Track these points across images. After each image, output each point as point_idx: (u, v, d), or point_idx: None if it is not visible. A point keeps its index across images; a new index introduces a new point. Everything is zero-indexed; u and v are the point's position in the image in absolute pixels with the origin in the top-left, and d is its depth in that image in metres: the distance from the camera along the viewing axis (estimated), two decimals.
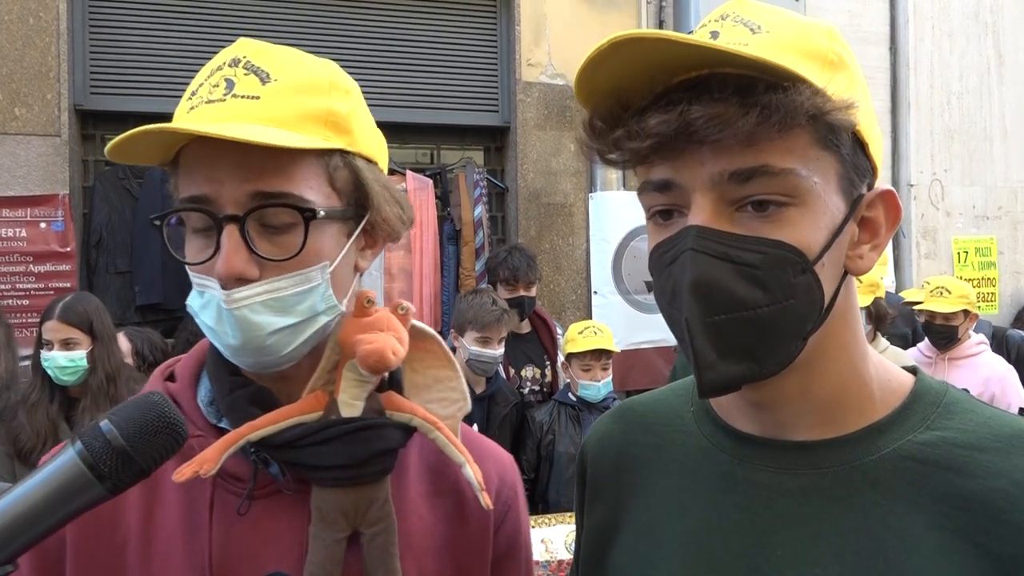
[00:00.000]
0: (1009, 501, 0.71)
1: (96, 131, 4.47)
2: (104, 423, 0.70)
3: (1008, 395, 3.78)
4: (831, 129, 0.72)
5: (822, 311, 0.75)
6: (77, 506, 0.69)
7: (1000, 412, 0.80)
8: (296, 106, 0.86)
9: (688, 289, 0.71)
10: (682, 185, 0.73)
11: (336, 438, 0.87)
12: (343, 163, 0.90)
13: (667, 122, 0.70)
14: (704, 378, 0.73)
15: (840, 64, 0.75)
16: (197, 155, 0.85)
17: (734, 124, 0.68)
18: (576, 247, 5.05)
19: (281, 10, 4.63)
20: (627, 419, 0.99)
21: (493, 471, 1.03)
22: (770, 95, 0.68)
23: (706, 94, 0.70)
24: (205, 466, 0.83)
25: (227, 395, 0.91)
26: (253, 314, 0.84)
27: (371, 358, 0.87)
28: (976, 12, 6.02)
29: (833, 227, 0.74)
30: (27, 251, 4.12)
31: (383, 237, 0.98)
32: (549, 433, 3.47)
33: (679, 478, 0.88)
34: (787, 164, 0.71)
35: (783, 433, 0.81)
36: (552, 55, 4.99)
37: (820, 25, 0.78)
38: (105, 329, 2.96)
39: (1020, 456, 0.73)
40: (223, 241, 0.83)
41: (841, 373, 0.79)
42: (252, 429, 0.87)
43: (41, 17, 4.15)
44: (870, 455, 0.77)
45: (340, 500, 0.88)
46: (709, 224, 0.72)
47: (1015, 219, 6.09)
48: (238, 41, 0.92)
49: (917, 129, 5.82)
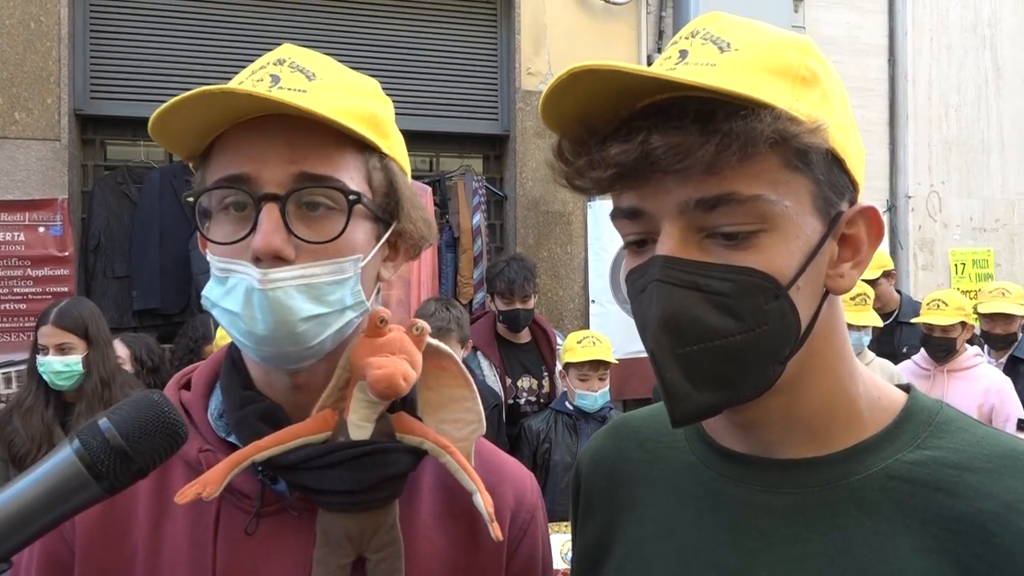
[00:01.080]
0: (999, 524, 0.69)
1: (96, 136, 4.48)
2: (103, 421, 0.69)
3: (1007, 406, 3.78)
4: (799, 152, 0.70)
5: (799, 334, 0.73)
6: (74, 505, 0.68)
7: (994, 431, 0.78)
8: (342, 102, 0.87)
9: (655, 322, 0.70)
10: (650, 213, 0.73)
11: (343, 463, 0.85)
12: (380, 165, 0.91)
13: (628, 152, 0.69)
14: (675, 408, 0.72)
15: (813, 80, 0.73)
16: (239, 137, 0.85)
17: (694, 153, 0.67)
18: (574, 256, 5.05)
19: (282, 18, 4.64)
20: (621, 435, 0.99)
21: (510, 492, 1.00)
22: (730, 122, 0.67)
23: (666, 122, 0.69)
24: (208, 488, 0.81)
25: (237, 410, 0.90)
26: (287, 298, 0.82)
27: (380, 384, 0.84)
28: (974, 25, 6.05)
29: (808, 249, 0.73)
30: (25, 255, 4.12)
31: (406, 249, 0.98)
32: (545, 442, 3.47)
33: (668, 495, 0.87)
34: (754, 190, 0.69)
35: (770, 452, 0.80)
36: (552, 64, 5.00)
37: (794, 39, 0.76)
38: (100, 334, 2.96)
39: (1011, 477, 0.71)
40: (262, 218, 0.82)
41: (827, 392, 0.78)
42: (258, 450, 0.84)
43: (42, 22, 4.16)
44: (856, 474, 0.76)
45: (346, 525, 0.85)
46: (676, 253, 0.71)
47: (1012, 231, 6.10)
48: (282, 46, 0.92)
49: (915, 141, 5.84)
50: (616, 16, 5.14)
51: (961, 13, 6.02)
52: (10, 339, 4.10)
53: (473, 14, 5.03)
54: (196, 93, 0.79)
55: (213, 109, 0.82)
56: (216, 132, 0.87)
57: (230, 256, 0.85)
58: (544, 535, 1.05)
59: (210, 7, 4.53)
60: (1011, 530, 0.68)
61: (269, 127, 0.84)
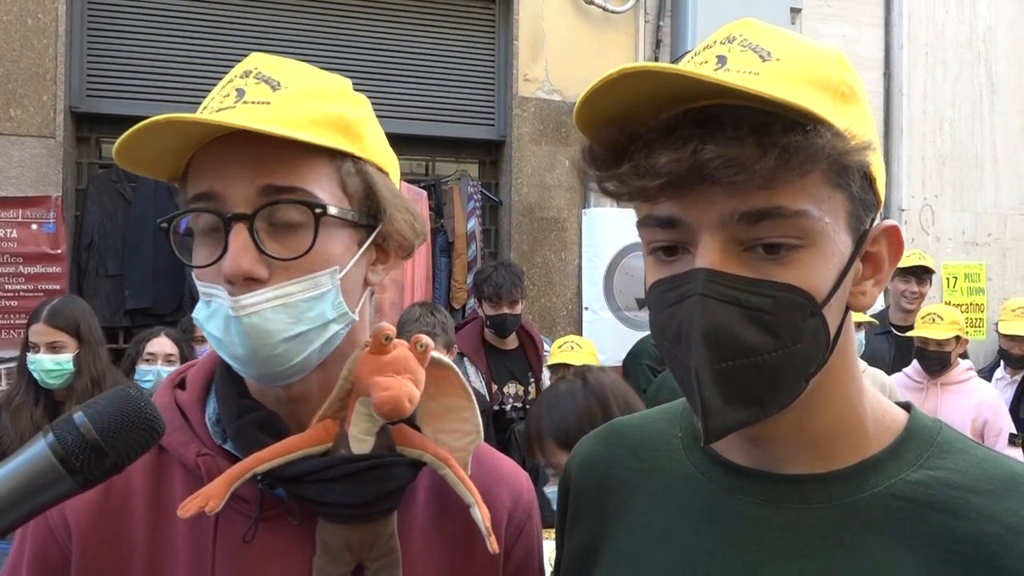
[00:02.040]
0: (1003, 546, 0.69)
1: (91, 134, 4.47)
2: (78, 415, 0.68)
3: (999, 420, 3.81)
4: (844, 169, 0.69)
5: (828, 352, 0.73)
6: (46, 499, 0.67)
7: (993, 454, 0.78)
8: (307, 110, 0.86)
9: (699, 337, 0.68)
10: (688, 223, 0.70)
11: (344, 477, 0.84)
12: (355, 169, 0.89)
13: (679, 161, 0.66)
14: (710, 426, 0.70)
15: (852, 96, 0.72)
16: (206, 157, 0.85)
17: (751, 167, 0.64)
18: (568, 262, 5.06)
19: (279, 20, 4.64)
20: (612, 440, 0.97)
21: (506, 493, 1.01)
22: (789, 136, 0.65)
23: (719, 131, 0.66)
24: (211, 503, 0.80)
25: (235, 420, 0.89)
26: (263, 321, 0.82)
27: (386, 407, 0.84)
28: (969, 40, 6.09)
29: (841, 267, 0.72)
30: (17, 252, 4.10)
31: (395, 251, 0.96)
32: None
33: (665, 505, 0.86)
34: (800, 206, 0.68)
35: (774, 466, 0.79)
36: (549, 71, 5.01)
37: (830, 52, 0.74)
38: (92, 333, 2.95)
39: (1014, 500, 0.71)
40: (231, 240, 0.81)
41: (838, 410, 0.77)
42: (259, 461, 0.84)
43: (40, 19, 4.15)
44: (861, 492, 0.75)
45: (346, 535, 0.85)
46: (718, 267, 0.68)
47: (1004, 246, 6.13)
48: (250, 56, 0.92)
49: (909, 154, 5.86)
50: (614, 24, 5.16)
51: (957, 28, 6.06)
52: (1, 336, 4.08)
53: (471, 20, 5.04)
54: (148, 124, 0.78)
55: (171, 135, 0.82)
56: (188, 153, 0.87)
57: (208, 280, 0.85)
58: (539, 534, 1.06)
59: (207, 7, 4.52)
60: (1015, 553, 0.68)
61: (234, 144, 0.82)
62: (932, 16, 5.98)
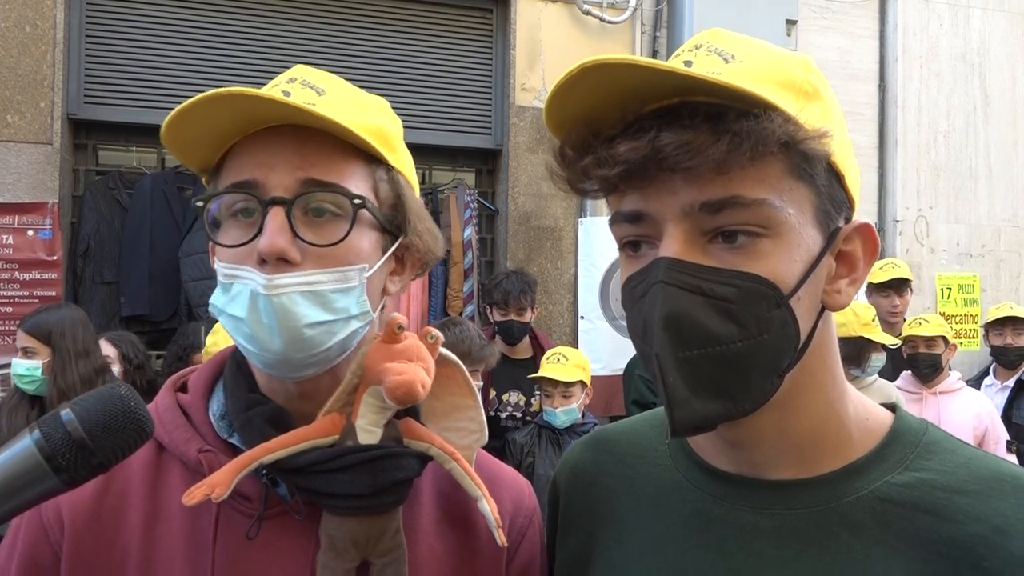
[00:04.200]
0: (989, 547, 0.69)
1: (88, 140, 4.47)
2: (65, 412, 0.66)
3: (997, 428, 3.86)
4: (805, 159, 0.71)
5: (798, 346, 0.73)
6: (30, 497, 0.65)
7: (980, 452, 0.78)
8: (350, 116, 0.88)
9: (659, 324, 0.69)
10: (653, 216, 0.72)
11: (353, 466, 0.84)
12: (387, 176, 0.92)
13: (636, 149, 0.68)
14: (677, 416, 0.70)
15: (815, 95, 0.74)
16: (249, 146, 0.87)
17: (705, 151, 0.67)
18: (564, 272, 5.06)
19: (277, 30, 4.65)
20: (600, 449, 0.97)
21: (508, 498, 1.01)
22: (741, 122, 0.67)
23: (676, 122, 0.68)
24: (217, 490, 0.80)
25: (243, 411, 0.89)
26: (291, 303, 0.83)
27: (400, 390, 0.84)
28: (964, 53, 6.12)
29: (809, 260, 0.72)
30: (13, 258, 4.10)
31: (412, 263, 0.98)
32: (529, 455, 3.47)
33: (653, 513, 0.86)
34: (759, 194, 0.69)
35: (759, 472, 0.79)
36: (546, 80, 5.03)
37: (795, 56, 0.76)
38: (66, 344, 2.89)
39: (1000, 500, 0.72)
40: (268, 221, 0.83)
41: (819, 412, 0.78)
42: (266, 451, 0.84)
43: (38, 25, 4.16)
44: (846, 496, 0.76)
45: (352, 529, 0.85)
46: (681, 256, 0.70)
47: (998, 257, 6.14)
48: (294, 67, 0.95)
49: (904, 166, 5.89)
50: (611, 34, 5.18)
51: (951, 41, 6.10)
52: None
53: (469, 29, 5.06)
54: (207, 96, 0.80)
55: (224, 115, 0.83)
56: (229, 143, 0.88)
57: (236, 261, 0.85)
58: (543, 539, 1.05)
59: (206, 15, 4.53)
60: (1001, 554, 0.69)
61: (279, 136, 0.86)
62: (926, 28, 6.02)
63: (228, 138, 0.88)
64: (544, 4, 5.04)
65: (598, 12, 5.09)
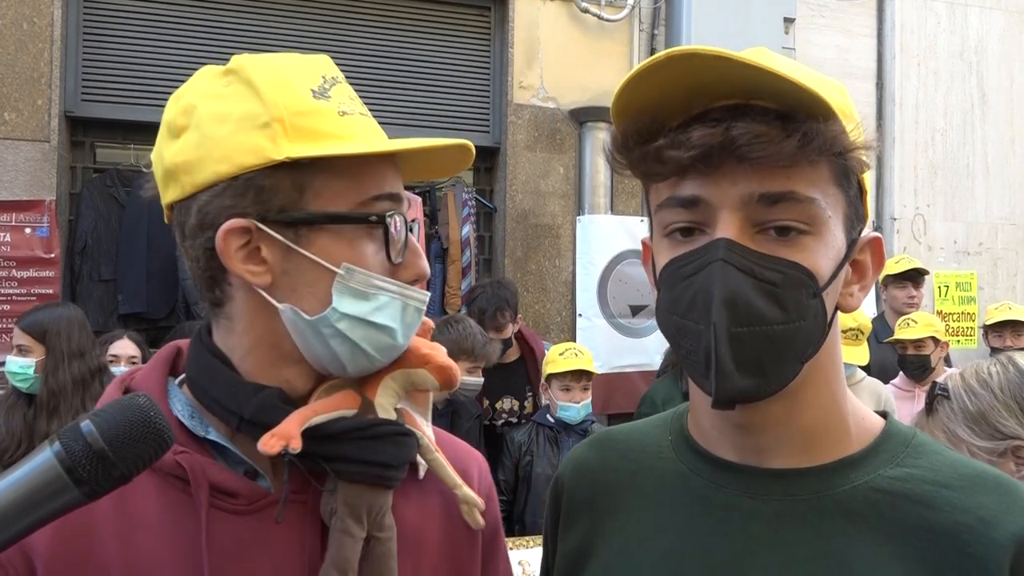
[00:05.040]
0: (974, 535, 0.74)
1: (86, 138, 4.46)
2: (85, 424, 0.66)
3: None
4: (847, 169, 0.77)
5: (823, 337, 0.78)
6: (51, 510, 0.64)
7: (963, 457, 0.85)
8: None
9: (720, 299, 0.73)
10: (710, 202, 0.76)
11: (386, 436, 0.88)
12: None
13: (712, 135, 0.72)
14: (721, 387, 0.74)
15: (850, 117, 0.78)
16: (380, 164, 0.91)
17: (777, 144, 0.71)
18: (562, 269, 5.07)
19: (275, 26, 4.65)
20: (604, 447, 1.01)
21: (473, 465, 1.06)
22: (810, 123, 0.72)
23: (749, 115, 0.72)
24: (292, 443, 0.81)
25: (252, 396, 0.86)
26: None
27: (448, 371, 0.92)
28: (961, 51, 6.13)
29: (838, 259, 0.78)
30: (10, 256, 4.09)
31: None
32: (527, 454, 3.46)
33: (655, 502, 0.89)
34: (812, 193, 0.75)
35: (761, 460, 0.84)
36: (544, 78, 5.03)
37: (833, 81, 0.82)
38: (61, 343, 2.86)
39: (983, 495, 0.77)
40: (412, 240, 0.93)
41: (824, 405, 0.83)
42: (315, 412, 0.86)
43: (35, 23, 4.15)
44: (843, 486, 0.81)
45: (369, 499, 0.87)
46: (737, 239, 0.74)
47: (995, 255, 6.16)
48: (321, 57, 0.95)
49: (901, 164, 5.90)
50: (609, 33, 5.18)
51: (948, 39, 6.11)
52: None
53: (467, 27, 5.06)
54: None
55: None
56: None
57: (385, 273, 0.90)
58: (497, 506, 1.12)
59: (202, 12, 4.53)
60: (985, 542, 0.74)
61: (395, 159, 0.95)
62: (924, 27, 6.03)
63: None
64: (542, 2, 5.04)
65: (596, 10, 5.09)
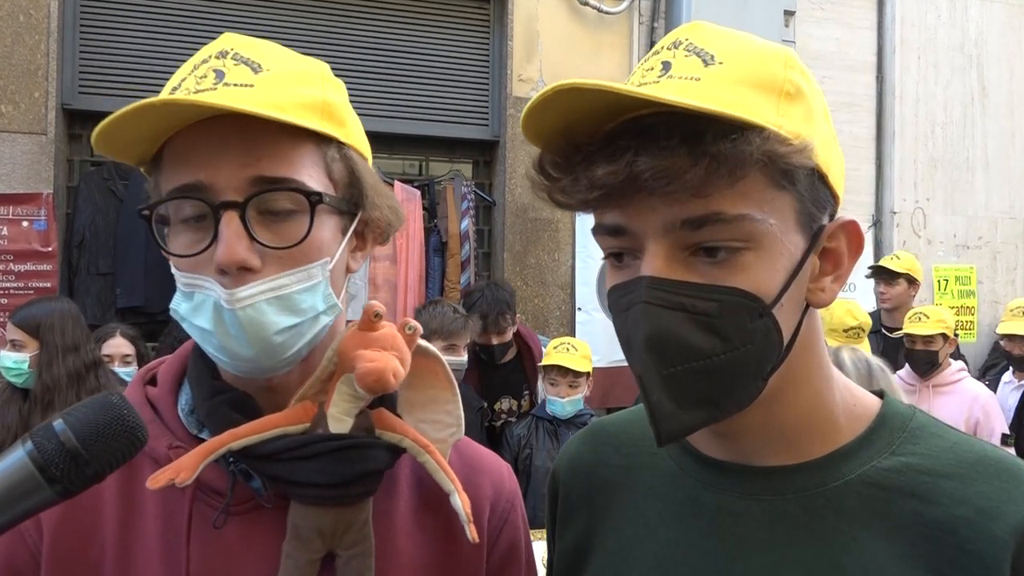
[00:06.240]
0: (972, 529, 0.70)
1: (83, 131, 4.45)
2: (58, 423, 0.65)
3: (991, 420, 3.83)
4: (786, 170, 0.70)
5: (782, 350, 0.74)
6: (25, 509, 0.64)
7: (966, 437, 0.79)
8: (291, 94, 0.83)
9: (641, 344, 0.70)
10: (634, 231, 0.72)
11: (321, 455, 0.82)
12: (339, 155, 0.88)
13: (614, 173, 0.68)
14: (662, 429, 0.72)
15: (797, 94, 0.73)
16: (189, 142, 0.82)
17: (682, 176, 0.66)
18: (562, 263, 5.06)
19: (272, 18, 4.63)
20: (598, 439, 0.99)
21: (488, 483, 1.00)
22: (719, 144, 0.66)
23: (653, 142, 0.67)
24: (182, 474, 0.78)
25: (207, 400, 0.87)
26: (258, 313, 0.80)
27: (370, 378, 0.83)
28: (961, 44, 6.11)
29: (792, 266, 0.73)
30: (8, 249, 4.09)
31: (373, 237, 0.95)
32: (527, 447, 3.47)
33: (648, 501, 0.88)
34: (740, 210, 0.69)
35: (749, 459, 0.81)
36: (544, 71, 5.01)
37: (777, 51, 0.75)
38: (54, 338, 2.86)
39: (983, 483, 0.73)
40: (222, 228, 0.79)
41: (806, 403, 0.79)
42: (234, 437, 0.82)
43: (32, 15, 4.13)
44: (834, 481, 0.77)
45: (318, 519, 0.83)
46: (662, 273, 0.70)
47: (995, 249, 6.15)
48: (222, 36, 0.89)
49: (901, 157, 5.88)
50: (608, 25, 5.16)
51: (948, 32, 6.09)
52: None
53: (466, 20, 5.04)
54: (138, 106, 0.76)
55: (158, 118, 0.79)
56: (164, 137, 0.83)
57: (192, 271, 0.82)
58: (525, 525, 1.04)
59: (200, 4, 4.51)
60: (984, 536, 0.70)
61: (219, 129, 0.80)
62: (924, 20, 6.01)
63: (161, 135, 0.83)
64: None
65: (596, 3, 5.07)
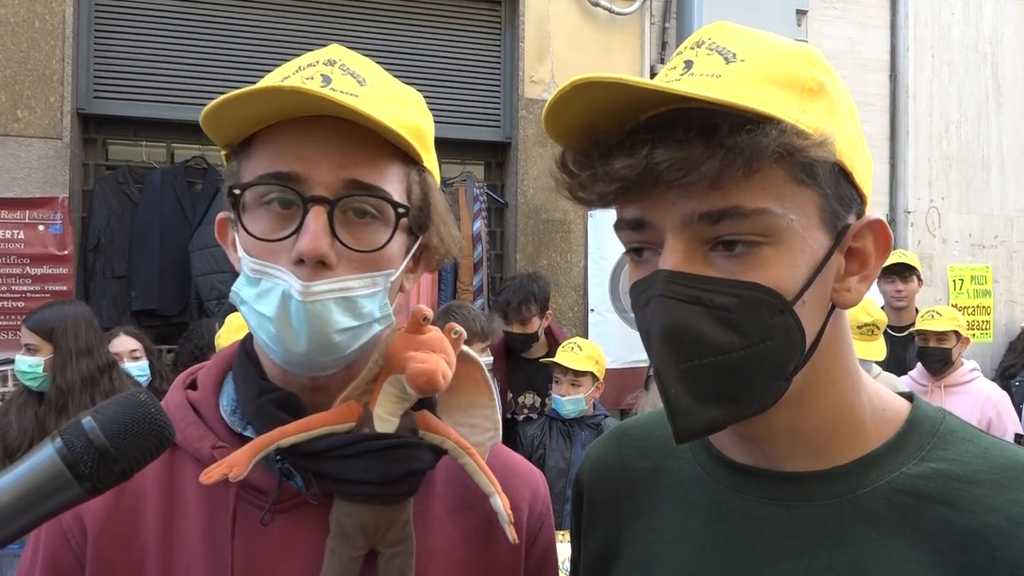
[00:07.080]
0: (1003, 538, 0.69)
1: (98, 135, 4.48)
2: (87, 420, 0.66)
3: (1004, 420, 3.79)
4: (807, 165, 0.69)
5: (805, 350, 0.73)
6: (53, 506, 0.65)
7: (997, 442, 0.78)
8: (392, 112, 0.86)
9: (659, 337, 0.70)
10: (654, 224, 0.72)
11: (368, 453, 0.84)
12: (419, 178, 0.91)
13: (632, 166, 0.68)
14: (680, 425, 0.72)
15: (820, 91, 0.72)
16: (290, 134, 0.84)
17: (698, 168, 0.66)
18: (574, 264, 5.05)
19: (285, 21, 4.65)
20: (622, 443, 0.98)
21: (525, 487, 1.02)
22: (734, 136, 0.66)
23: (671, 135, 0.68)
24: (235, 470, 0.80)
25: (255, 399, 0.88)
26: (326, 310, 0.82)
27: (421, 378, 0.85)
28: (976, 42, 6.07)
29: (815, 264, 0.72)
30: (24, 253, 4.11)
31: (426, 262, 0.98)
32: (540, 447, 3.46)
33: (674, 506, 0.87)
34: (759, 204, 0.68)
35: (776, 464, 0.80)
36: (555, 73, 5.01)
37: (800, 50, 0.75)
38: (68, 341, 2.89)
39: (1015, 490, 0.71)
40: (309, 220, 0.81)
41: (832, 407, 0.78)
42: (283, 435, 0.84)
43: (47, 20, 4.16)
44: (863, 488, 0.76)
45: (362, 516, 0.85)
46: (680, 267, 0.70)
47: (1011, 248, 6.10)
48: (329, 46, 0.93)
49: (915, 156, 5.85)
50: (620, 26, 5.16)
51: (963, 30, 6.05)
52: (8, 337, 4.09)
53: (477, 22, 5.05)
54: (248, 91, 0.78)
55: (269, 104, 0.81)
56: (261, 125, 0.86)
57: (267, 257, 0.84)
58: (554, 529, 1.07)
59: (214, 9, 4.53)
60: (1016, 544, 0.68)
61: (321, 128, 0.83)
62: (938, 18, 5.97)
63: (264, 122, 0.85)
64: None
65: (607, 3, 5.06)
